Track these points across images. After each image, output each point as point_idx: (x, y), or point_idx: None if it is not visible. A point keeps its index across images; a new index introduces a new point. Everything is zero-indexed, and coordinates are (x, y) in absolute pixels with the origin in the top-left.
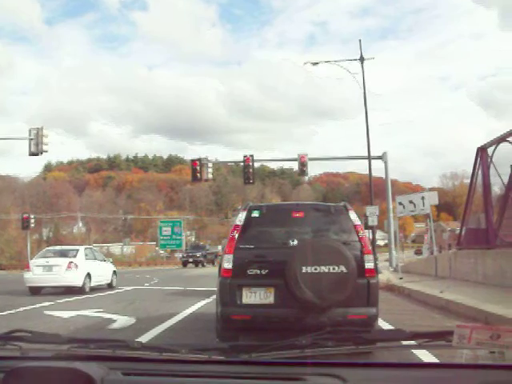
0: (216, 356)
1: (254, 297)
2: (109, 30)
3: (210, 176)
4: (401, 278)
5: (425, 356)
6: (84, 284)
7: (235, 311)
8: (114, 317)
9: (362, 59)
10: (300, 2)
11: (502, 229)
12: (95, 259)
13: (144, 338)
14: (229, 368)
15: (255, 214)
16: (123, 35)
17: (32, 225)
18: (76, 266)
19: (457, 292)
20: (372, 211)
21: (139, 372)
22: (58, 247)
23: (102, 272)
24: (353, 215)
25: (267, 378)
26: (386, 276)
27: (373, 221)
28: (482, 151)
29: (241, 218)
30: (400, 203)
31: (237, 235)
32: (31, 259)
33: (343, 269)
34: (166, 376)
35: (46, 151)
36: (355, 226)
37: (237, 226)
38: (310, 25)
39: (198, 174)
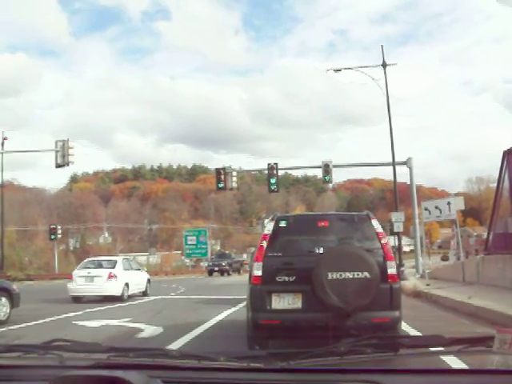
0: (254, 364)
1: (282, 302)
2: (132, 41)
3: (235, 185)
4: (428, 285)
5: (464, 362)
6: (122, 293)
7: (265, 316)
8: (142, 326)
9: (384, 65)
10: (319, 10)
11: None
12: (131, 269)
13: (172, 347)
14: (267, 376)
15: (282, 223)
16: (146, 46)
17: (59, 235)
18: (115, 276)
19: (485, 298)
20: (397, 217)
21: (179, 380)
22: (97, 258)
23: (138, 281)
24: (375, 223)
25: None
26: (412, 282)
27: (398, 227)
28: (508, 154)
29: (269, 227)
30: (426, 209)
31: (266, 244)
32: (73, 270)
33: (367, 275)
34: None
35: (73, 162)
36: (378, 234)
37: (265, 235)
38: (330, 32)
39: (223, 183)
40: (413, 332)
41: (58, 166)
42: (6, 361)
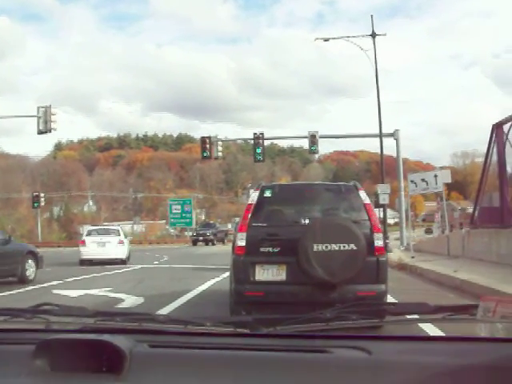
0: (240, 329)
1: (266, 274)
2: (118, 8)
3: (220, 154)
4: (413, 257)
5: (446, 330)
6: (127, 257)
7: (248, 288)
8: (122, 296)
9: (373, 35)
10: None
11: None
12: (125, 237)
13: None
14: (253, 341)
15: (268, 193)
16: (133, 13)
17: (42, 203)
18: (123, 242)
19: (471, 271)
20: (383, 189)
21: (165, 344)
22: (99, 227)
23: (128, 248)
24: (363, 194)
25: (292, 350)
26: (397, 255)
27: (384, 199)
28: (497, 128)
29: (254, 197)
30: (412, 181)
31: (250, 214)
32: (84, 236)
33: (353, 247)
34: (191, 348)
35: (55, 129)
36: (365, 205)
37: (250, 204)
38: (319, 3)
39: (208, 152)
40: None
41: (40, 132)
42: None
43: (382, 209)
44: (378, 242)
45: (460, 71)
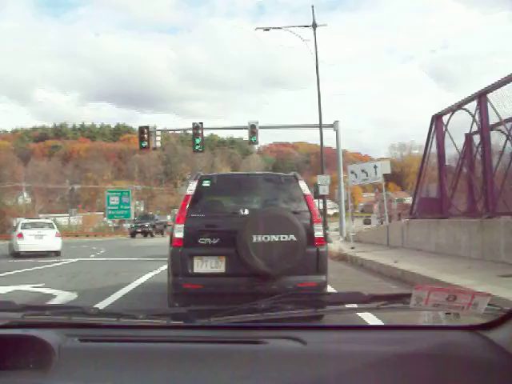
0: (174, 321)
1: (205, 266)
2: None
3: (159, 144)
4: (353, 248)
5: (382, 318)
6: (61, 249)
7: (186, 280)
8: (54, 292)
9: (314, 25)
10: None
11: (455, 198)
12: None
13: None
14: (187, 333)
15: (206, 183)
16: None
17: None
18: (59, 235)
19: (411, 262)
20: (323, 180)
21: (97, 338)
22: (33, 220)
23: None
24: (303, 185)
25: (227, 341)
26: (337, 245)
27: (324, 190)
28: (437, 119)
29: (192, 187)
30: (352, 172)
31: (188, 205)
32: (19, 229)
33: (293, 237)
34: (124, 342)
35: None
36: (305, 196)
37: (188, 195)
38: None
39: (146, 142)
40: None
41: None
42: None
43: (321, 200)
44: (318, 233)
45: (398, 65)
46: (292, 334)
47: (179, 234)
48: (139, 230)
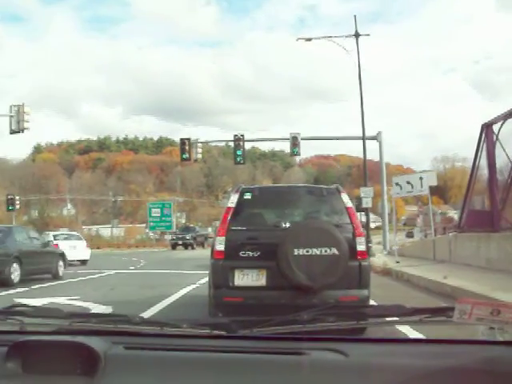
0: (217, 331)
1: (246, 279)
2: (99, 10)
3: (200, 156)
4: (398, 262)
5: (424, 332)
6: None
7: (227, 293)
8: (89, 305)
9: (356, 35)
10: None
11: (506, 211)
12: None
13: None
14: (230, 343)
15: (247, 196)
16: (114, 15)
17: (17, 206)
18: (89, 246)
19: (461, 277)
20: (367, 192)
21: (141, 346)
22: (60, 233)
23: None
24: (345, 197)
25: (268, 352)
26: (381, 259)
27: (367, 202)
28: (487, 128)
29: (233, 200)
30: (397, 184)
31: (229, 217)
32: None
33: (335, 251)
34: (167, 350)
35: (28, 128)
36: (347, 209)
37: (229, 207)
38: (300, 8)
39: (187, 154)
40: None
41: (13, 132)
42: None
43: (363, 212)
44: (361, 247)
45: (440, 76)
46: (334, 346)
47: (220, 247)
48: (180, 242)
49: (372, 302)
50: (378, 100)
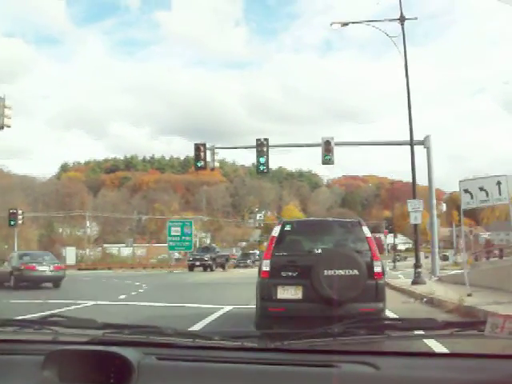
0: (248, 343)
1: (286, 293)
2: (129, 33)
3: (217, 164)
4: (469, 295)
5: (455, 346)
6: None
7: (272, 305)
8: None
9: (402, 19)
10: (315, 7)
11: None
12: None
13: None
14: (261, 355)
15: (287, 227)
16: (144, 38)
17: (19, 221)
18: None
19: None
20: (415, 205)
21: (173, 357)
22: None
23: None
24: (365, 229)
25: (299, 364)
26: (435, 288)
27: (416, 218)
28: None
29: (276, 230)
30: (466, 191)
31: (273, 244)
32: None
33: (356, 272)
34: (199, 361)
35: (9, 126)
36: (367, 238)
37: (273, 236)
38: (326, 30)
39: (202, 162)
40: None
41: None
42: (1, 335)
43: (392, 234)
44: (377, 268)
45: (470, 97)
46: (365, 359)
47: (266, 268)
48: (198, 264)
49: (391, 314)
50: (406, 121)
